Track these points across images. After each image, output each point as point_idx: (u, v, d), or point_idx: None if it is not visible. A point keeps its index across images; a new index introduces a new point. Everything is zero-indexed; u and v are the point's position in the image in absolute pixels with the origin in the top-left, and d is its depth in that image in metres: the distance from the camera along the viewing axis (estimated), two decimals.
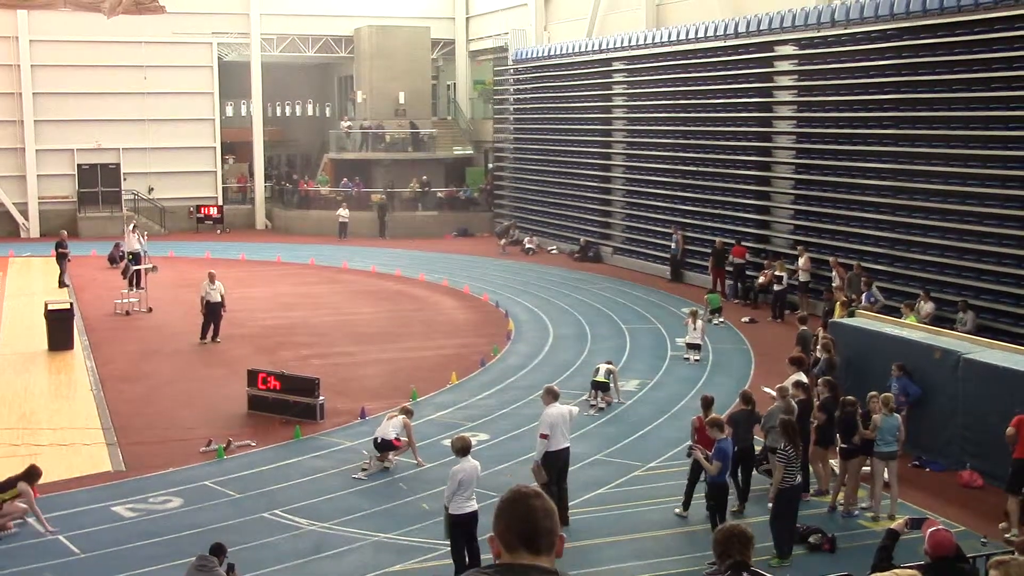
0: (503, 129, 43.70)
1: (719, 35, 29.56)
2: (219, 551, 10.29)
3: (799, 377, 14.77)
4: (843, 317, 19.30)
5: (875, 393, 13.66)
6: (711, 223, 30.02)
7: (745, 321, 25.17)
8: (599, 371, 18.17)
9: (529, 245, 38.34)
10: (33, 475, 13.01)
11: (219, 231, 44.21)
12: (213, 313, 23.02)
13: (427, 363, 21.34)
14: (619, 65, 35.06)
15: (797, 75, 27.59)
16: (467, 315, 26.78)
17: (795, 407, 13.48)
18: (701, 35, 30.33)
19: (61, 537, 12.40)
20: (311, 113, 54.74)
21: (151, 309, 26.54)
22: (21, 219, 43.00)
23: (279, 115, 52.46)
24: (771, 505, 12.01)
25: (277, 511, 13.28)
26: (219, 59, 45.63)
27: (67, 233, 32.65)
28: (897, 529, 8.13)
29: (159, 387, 19.55)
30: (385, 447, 14.75)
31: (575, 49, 37.45)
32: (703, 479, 12.66)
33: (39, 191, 42.99)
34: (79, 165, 43.43)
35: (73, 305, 24.41)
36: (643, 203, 33.72)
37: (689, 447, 13.48)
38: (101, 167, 43.68)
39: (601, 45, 35.73)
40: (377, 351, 22.56)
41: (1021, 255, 20.29)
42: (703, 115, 30.60)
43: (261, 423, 17.01)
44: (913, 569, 7.18)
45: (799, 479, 12.11)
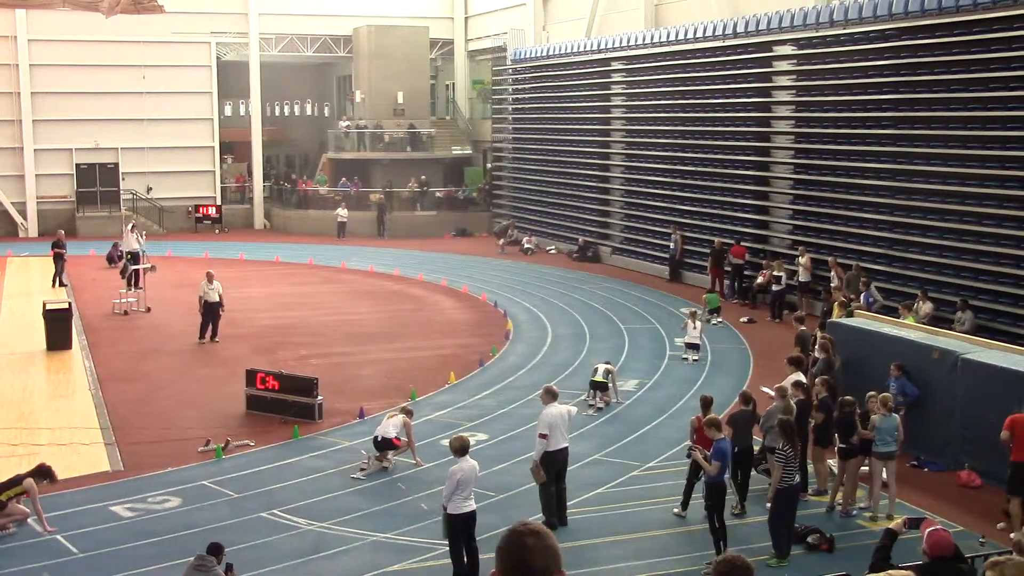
0: (502, 129, 43.72)
1: (718, 35, 29.58)
2: (217, 551, 10.29)
3: (798, 377, 14.77)
4: (841, 317, 19.32)
5: (874, 393, 13.67)
6: (710, 223, 30.03)
7: (744, 321, 25.18)
8: (598, 371, 18.17)
9: (528, 245, 38.34)
10: (42, 473, 12.99)
11: (218, 231, 44.19)
12: (211, 313, 23.03)
13: (426, 363, 21.34)
14: (618, 65, 35.07)
15: (796, 75, 27.60)
16: (466, 315, 26.77)
17: (794, 407, 13.49)
18: (700, 35, 30.35)
19: (59, 537, 12.39)
20: (310, 113, 54.68)
21: (149, 309, 26.54)
22: (19, 219, 43.00)
23: (278, 115, 52.40)
24: (769, 505, 12.02)
25: (275, 511, 13.27)
26: (218, 59, 45.62)
27: (65, 233, 32.64)
28: (895, 529, 8.13)
29: (158, 387, 19.54)
30: (385, 446, 14.75)
31: (574, 49, 37.46)
32: (702, 479, 12.66)
33: (37, 191, 43.00)
34: (77, 165, 43.40)
35: (72, 305, 24.41)
36: (642, 203, 33.73)
37: (688, 447, 13.48)
38: (99, 167, 43.65)
39: (600, 45, 35.74)
40: (376, 351, 22.56)
41: (1019, 255, 20.31)
42: (702, 115, 30.61)
43: (259, 423, 17.00)
44: (910, 570, 7.18)
45: (797, 479, 12.11)
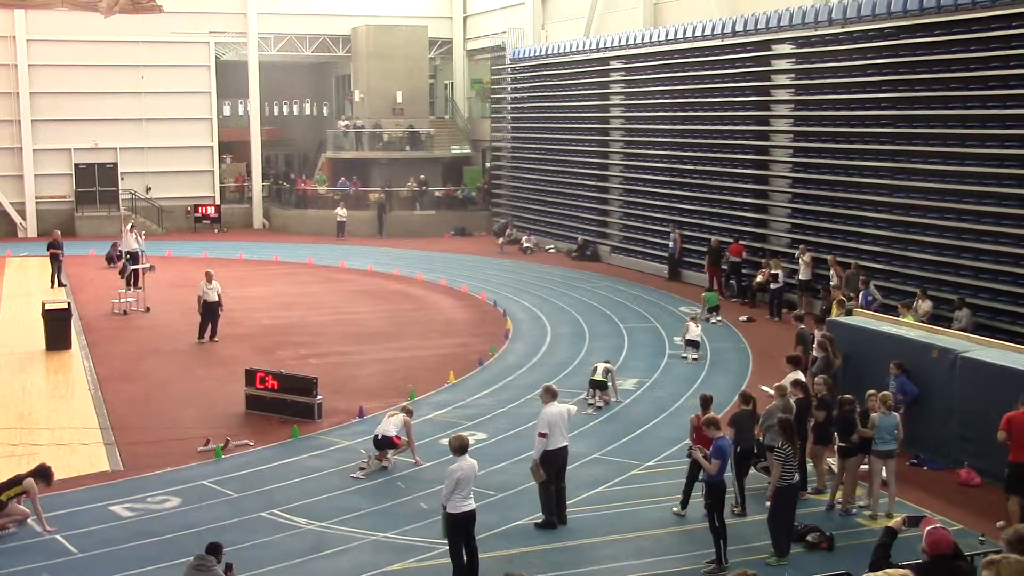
0: (501, 128, 43.73)
1: (716, 34, 29.58)
2: (216, 550, 10.27)
3: (797, 376, 14.77)
4: (839, 316, 19.32)
5: (873, 391, 13.66)
6: (709, 222, 30.04)
7: (743, 320, 25.18)
8: (597, 370, 18.17)
9: (527, 244, 38.34)
10: (42, 474, 12.99)
11: (217, 230, 44.20)
12: (210, 312, 23.03)
13: (425, 362, 21.34)
14: (616, 64, 35.08)
15: (794, 74, 27.59)
16: (465, 314, 26.77)
17: (793, 406, 13.49)
18: (698, 34, 30.36)
19: (59, 536, 12.38)
20: (308, 112, 54.73)
21: (149, 309, 26.54)
22: (18, 219, 43.02)
23: (277, 114, 52.45)
24: (769, 503, 12.02)
25: (275, 510, 13.27)
26: (216, 58, 45.63)
27: (61, 233, 32.64)
28: (895, 527, 8.12)
29: (157, 387, 19.54)
30: (385, 444, 14.75)
31: (572, 48, 37.46)
32: (701, 478, 12.66)
33: (36, 191, 43.02)
34: (76, 165, 43.41)
35: (71, 305, 24.40)
36: (641, 202, 33.74)
37: (688, 446, 13.48)
38: (98, 167, 43.66)
39: (598, 44, 35.74)
40: (375, 350, 22.56)
41: (1018, 253, 20.31)
42: (700, 114, 30.62)
43: (259, 422, 17.00)
44: (910, 568, 7.18)
45: (797, 477, 12.11)
